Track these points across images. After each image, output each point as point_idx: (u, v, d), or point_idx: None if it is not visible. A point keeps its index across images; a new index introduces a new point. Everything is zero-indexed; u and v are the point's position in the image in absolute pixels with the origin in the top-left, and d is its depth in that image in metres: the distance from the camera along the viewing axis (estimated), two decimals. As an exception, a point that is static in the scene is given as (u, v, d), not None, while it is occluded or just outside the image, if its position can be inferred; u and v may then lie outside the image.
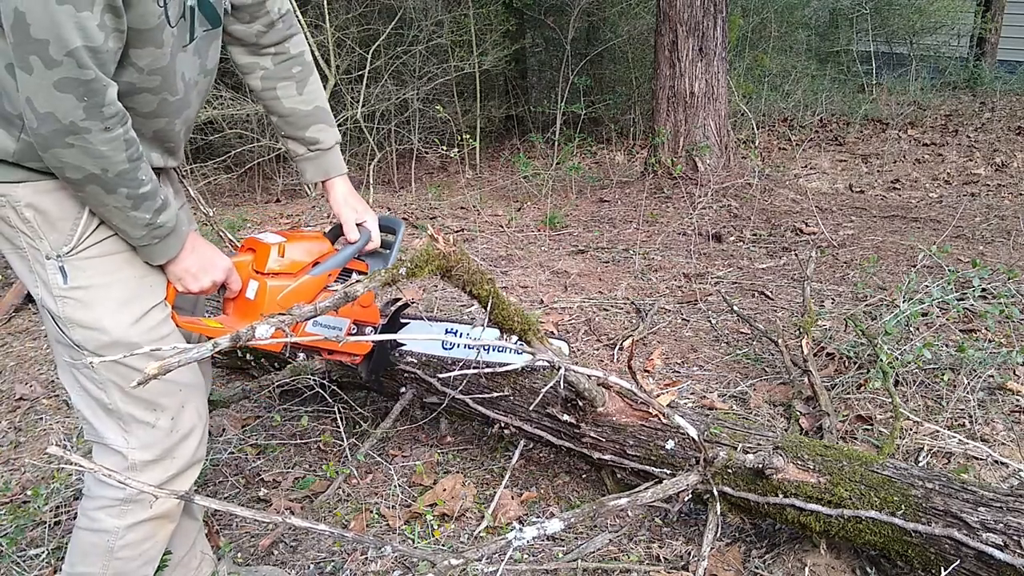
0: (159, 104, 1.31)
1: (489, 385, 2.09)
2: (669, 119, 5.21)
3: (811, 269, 3.01)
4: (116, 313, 1.32)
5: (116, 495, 1.39)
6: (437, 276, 1.54)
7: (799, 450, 1.68)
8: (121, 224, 1.26)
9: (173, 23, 1.25)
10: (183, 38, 1.30)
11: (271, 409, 2.52)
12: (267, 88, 1.57)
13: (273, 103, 1.59)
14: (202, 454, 1.49)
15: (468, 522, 1.97)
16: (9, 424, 2.55)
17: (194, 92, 1.40)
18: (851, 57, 8.27)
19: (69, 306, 1.31)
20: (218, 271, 1.41)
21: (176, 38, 1.27)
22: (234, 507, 1.27)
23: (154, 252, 1.32)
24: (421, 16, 6.34)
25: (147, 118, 1.31)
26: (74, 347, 1.34)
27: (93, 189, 1.21)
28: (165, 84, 1.30)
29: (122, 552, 1.42)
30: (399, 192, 5.94)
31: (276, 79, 1.56)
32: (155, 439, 1.39)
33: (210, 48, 1.41)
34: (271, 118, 1.63)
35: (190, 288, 1.39)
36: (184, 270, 1.37)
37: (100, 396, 1.36)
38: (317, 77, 1.64)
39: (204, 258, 1.40)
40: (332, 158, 1.64)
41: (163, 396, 1.38)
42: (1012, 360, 2.29)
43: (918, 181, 5.41)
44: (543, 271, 3.81)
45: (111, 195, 1.21)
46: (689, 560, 1.75)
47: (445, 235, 1.52)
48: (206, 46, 1.39)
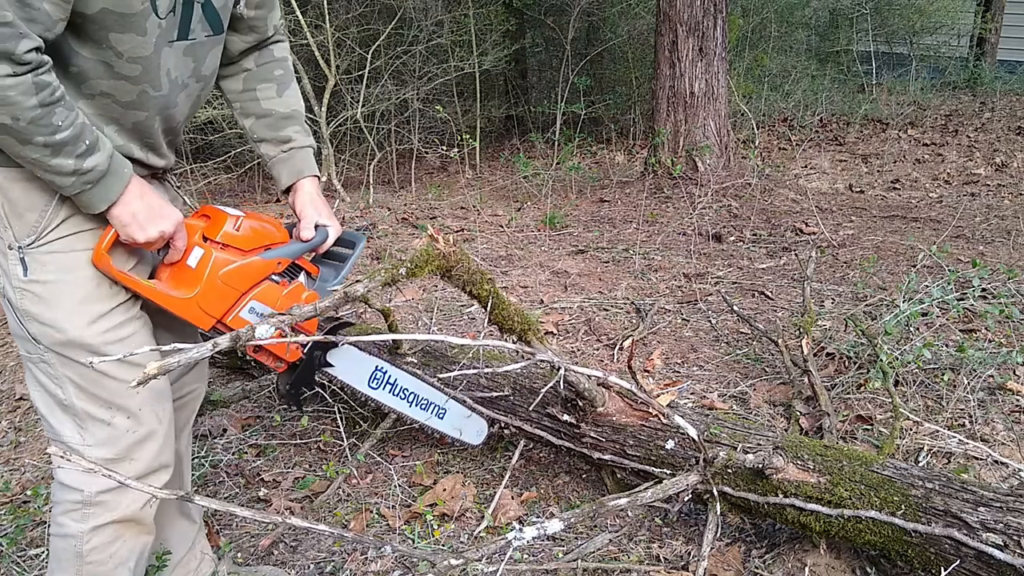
0: (139, 95, 1.29)
1: (489, 385, 2.09)
2: (669, 119, 5.21)
3: (811, 269, 3.01)
4: (73, 312, 1.29)
5: (75, 498, 1.37)
6: (437, 276, 1.54)
7: (799, 450, 1.68)
8: (46, 175, 1.20)
9: (161, 14, 1.23)
10: (170, 33, 1.28)
11: (271, 409, 2.52)
12: (247, 89, 1.56)
13: (251, 104, 1.57)
14: (166, 460, 1.45)
15: (468, 522, 1.97)
16: (9, 424, 2.55)
17: (181, 94, 1.38)
18: (851, 57, 8.27)
19: (27, 299, 1.28)
20: (167, 222, 1.33)
21: (163, 31, 1.25)
22: (234, 507, 1.27)
23: (90, 198, 1.24)
24: (421, 16, 6.34)
25: (126, 108, 1.29)
26: (31, 340, 1.31)
27: (7, 141, 1.15)
28: (146, 76, 1.28)
29: (91, 556, 1.40)
30: (399, 192, 5.94)
31: (257, 80, 1.56)
32: (111, 438, 1.36)
33: (208, 54, 1.39)
34: (245, 123, 1.60)
35: (135, 237, 1.30)
36: (131, 215, 1.28)
37: (56, 392, 1.34)
38: (297, 87, 1.63)
39: (153, 206, 1.32)
40: (305, 157, 1.61)
41: (120, 396, 1.35)
42: (1012, 360, 2.29)
43: (918, 181, 5.41)
44: (543, 271, 3.81)
45: (27, 145, 1.15)
46: (689, 560, 1.75)
47: (445, 235, 1.52)
48: (204, 52, 1.37)
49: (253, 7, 1.46)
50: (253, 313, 1.47)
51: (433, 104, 6.50)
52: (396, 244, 4.35)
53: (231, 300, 1.44)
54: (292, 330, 1.48)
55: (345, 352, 1.81)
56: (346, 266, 1.62)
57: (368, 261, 4.16)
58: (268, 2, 1.50)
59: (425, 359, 2.21)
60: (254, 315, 1.47)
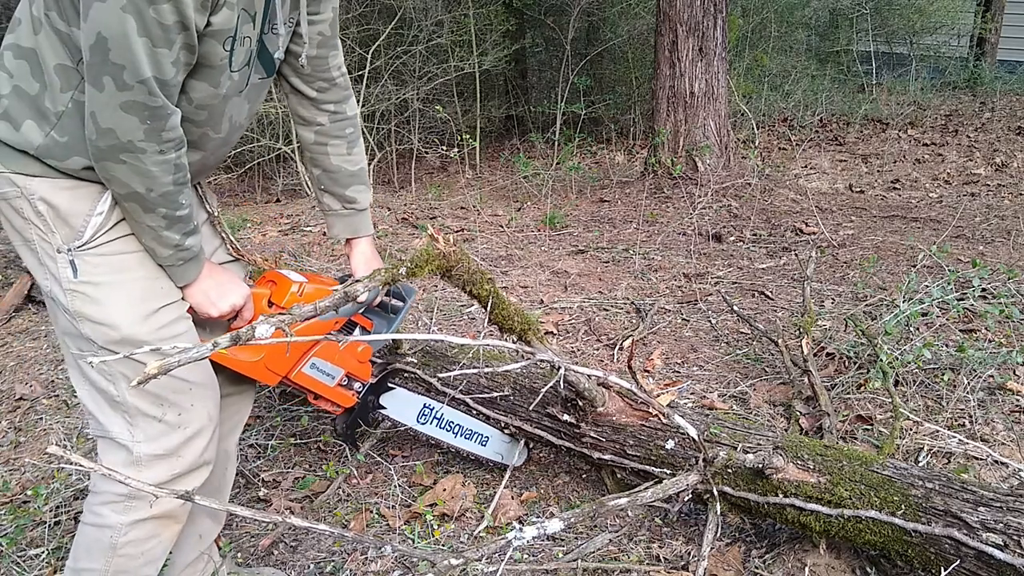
0: (200, 137, 1.36)
1: (489, 385, 2.09)
2: (669, 119, 5.21)
3: (811, 269, 3.01)
4: (126, 309, 1.33)
5: (120, 490, 1.39)
6: (437, 276, 1.54)
7: (799, 450, 1.68)
8: (151, 242, 1.31)
9: (235, 69, 1.30)
10: (241, 84, 1.35)
11: (271, 409, 2.52)
12: (319, 143, 1.63)
13: (322, 158, 1.64)
14: (210, 456, 1.48)
15: (468, 522, 1.97)
16: (9, 424, 2.55)
17: (237, 134, 1.46)
18: (851, 57, 8.27)
19: (79, 300, 1.32)
20: (237, 296, 1.44)
21: (235, 83, 1.33)
22: (234, 507, 1.27)
23: (176, 273, 1.36)
24: (421, 16, 6.34)
25: (187, 148, 1.34)
26: (85, 339, 1.34)
27: (133, 206, 1.26)
28: (211, 120, 1.35)
29: (125, 549, 1.42)
30: (399, 192, 5.94)
31: (329, 136, 1.62)
32: (161, 434, 1.39)
33: (259, 95, 1.47)
34: (313, 171, 1.68)
35: (209, 312, 1.41)
36: (203, 293, 1.40)
37: (108, 388, 1.37)
38: (363, 144, 1.71)
39: (222, 282, 1.43)
40: (364, 218, 1.71)
41: (171, 392, 1.38)
42: (1012, 360, 2.29)
43: (918, 181, 5.41)
44: (543, 271, 3.81)
45: (148, 214, 1.27)
46: (689, 560, 1.75)
47: (445, 235, 1.52)
48: (257, 93, 1.45)
49: (316, 46, 1.51)
50: (315, 368, 1.67)
51: (433, 104, 6.50)
52: (396, 244, 4.35)
53: (295, 360, 1.62)
54: (348, 377, 1.75)
55: (395, 394, 2.01)
56: (398, 318, 1.78)
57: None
58: (330, 42, 1.55)
59: (425, 359, 2.21)
60: (315, 370, 1.67)
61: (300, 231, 4.71)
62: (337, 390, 1.73)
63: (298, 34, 1.45)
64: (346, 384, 1.75)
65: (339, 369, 1.71)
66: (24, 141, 1.25)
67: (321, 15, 1.49)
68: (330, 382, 1.71)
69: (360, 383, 1.78)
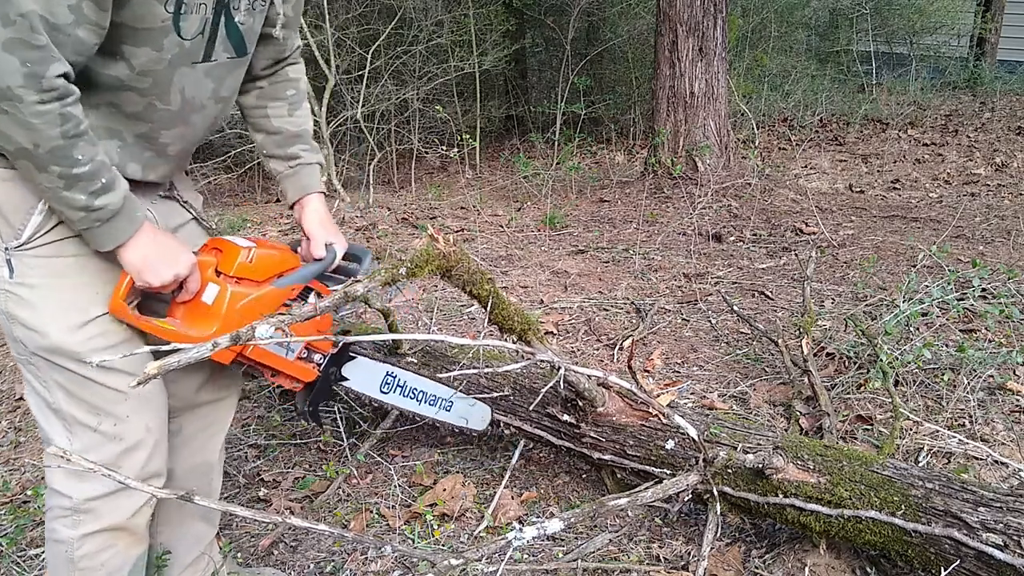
0: (145, 108, 1.29)
1: (489, 385, 2.09)
2: (669, 119, 5.21)
3: (811, 269, 3.01)
4: (57, 317, 1.27)
5: (65, 504, 1.36)
6: (437, 276, 1.54)
7: (799, 450, 1.68)
8: (57, 204, 1.20)
9: (186, 36, 1.24)
10: (195, 54, 1.28)
11: (271, 409, 2.52)
12: (259, 106, 1.58)
13: (262, 120, 1.59)
14: (155, 468, 1.42)
15: (468, 522, 1.97)
16: (9, 424, 2.55)
17: (198, 115, 1.37)
18: (851, 57, 8.27)
19: (12, 301, 1.28)
20: (181, 265, 1.31)
21: (185, 51, 1.26)
22: (234, 507, 1.27)
23: (98, 236, 1.23)
24: (421, 16, 6.34)
25: (130, 119, 1.29)
26: (18, 343, 1.31)
27: (24, 164, 1.16)
28: (156, 89, 1.27)
29: (82, 563, 1.39)
30: (399, 192, 5.94)
31: (269, 98, 1.58)
32: (97, 444, 1.34)
33: (229, 76, 1.39)
34: (256, 137, 1.63)
35: (149, 281, 1.28)
36: (142, 258, 1.27)
37: (45, 395, 1.34)
38: (308, 107, 1.65)
39: (165, 249, 1.30)
40: (311, 173, 1.62)
41: (105, 402, 1.33)
42: (1012, 360, 2.29)
43: (918, 181, 5.41)
44: (543, 271, 3.81)
45: (42, 173, 1.15)
46: (689, 560, 1.75)
47: (445, 235, 1.52)
48: (225, 73, 1.37)
49: (281, 27, 1.48)
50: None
51: (433, 104, 6.50)
52: (396, 244, 4.35)
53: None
54: (308, 349, 1.58)
55: (357, 364, 1.85)
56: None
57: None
58: (293, 22, 1.52)
59: (425, 359, 2.21)
60: (273, 344, 1.46)
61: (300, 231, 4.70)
62: (296, 364, 1.59)
63: (271, 16, 1.43)
64: (305, 357, 1.61)
65: (298, 340, 1.56)
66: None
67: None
68: (289, 356, 1.57)
69: (320, 355, 1.64)
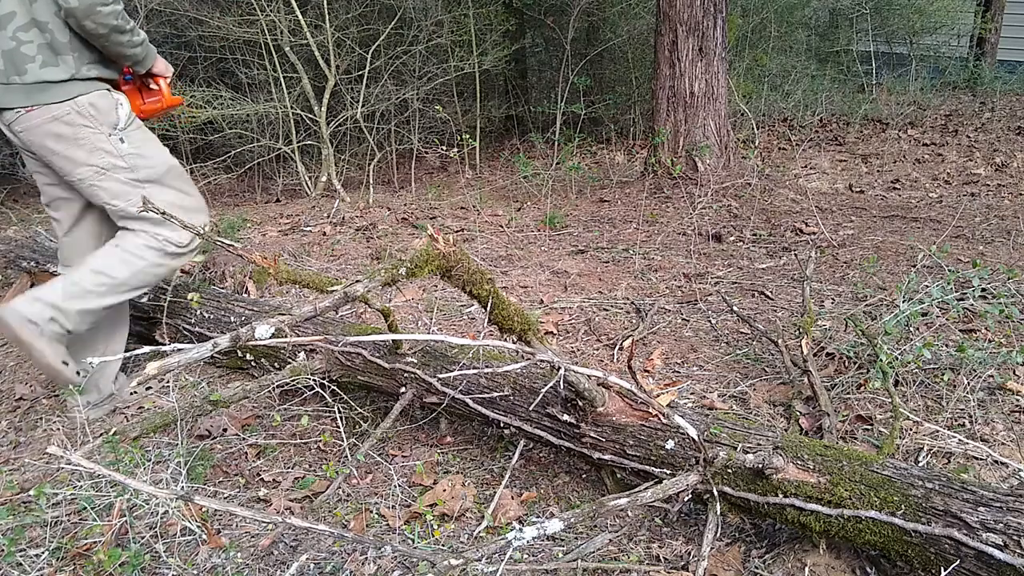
0: None
1: (489, 385, 2.09)
2: (669, 119, 5.21)
3: (811, 269, 3.01)
4: (157, 152, 2.36)
5: (159, 240, 2.36)
6: (437, 276, 1.54)
7: (799, 450, 1.68)
8: (132, 51, 2.19)
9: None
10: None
11: (271, 409, 2.52)
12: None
13: None
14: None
15: (468, 522, 1.97)
16: (9, 424, 2.55)
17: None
18: (851, 57, 8.27)
19: (134, 158, 2.27)
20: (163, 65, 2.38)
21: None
22: (234, 507, 1.27)
23: (149, 57, 2.28)
24: (421, 16, 6.34)
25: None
26: (140, 185, 2.28)
27: (115, 37, 2.12)
28: None
29: (146, 271, 2.36)
30: (399, 192, 5.94)
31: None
32: (196, 209, 2.46)
33: None
34: None
35: (169, 68, 2.39)
36: (164, 64, 2.37)
37: (159, 208, 2.02)
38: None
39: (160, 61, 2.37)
40: None
41: (188, 187, 2.46)
42: (1012, 360, 2.29)
43: (918, 181, 5.41)
44: (543, 271, 3.81)
45: (124, 34, 2.13)
46: (689, 560, 1.75)
47: (445, 235, 1.52)
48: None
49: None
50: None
51: (433, 104, 6.50)
52: (396, 244, 4.35)
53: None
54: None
55: None
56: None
57: (368, 261, 4.16)
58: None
59: (425, 359, 2.21)
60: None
61: (300, 231, 4.70)
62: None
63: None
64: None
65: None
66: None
67: None
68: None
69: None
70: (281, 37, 5.59)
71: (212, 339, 1.15)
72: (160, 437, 2.35)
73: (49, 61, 2.09)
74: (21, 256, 3.47)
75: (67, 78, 2.11)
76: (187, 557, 1.84)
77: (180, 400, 2.39)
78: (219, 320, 2.76)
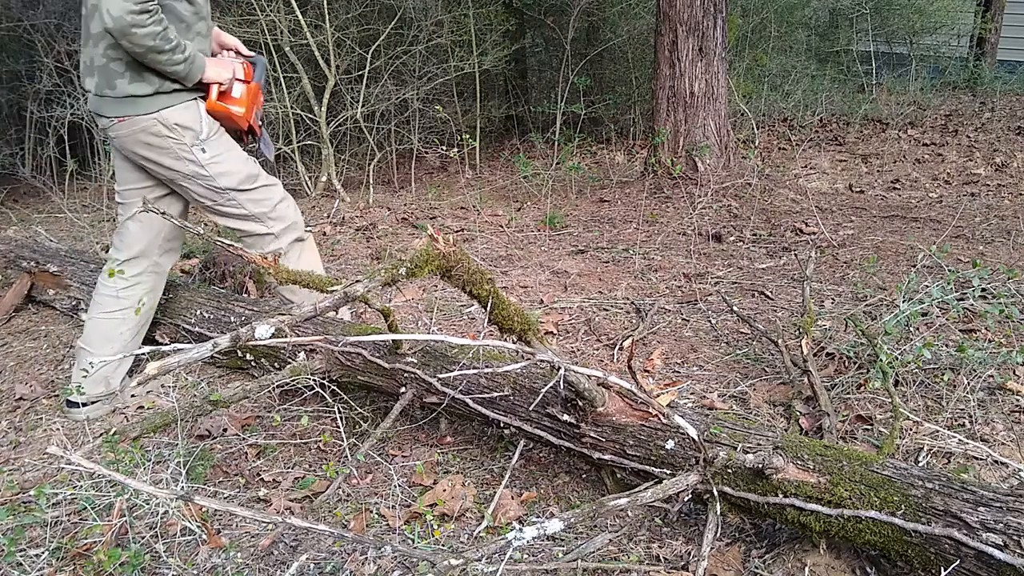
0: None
1: (489, 385, 2.09)
2: (669, 119, 5.21)
3: (811, 269, 3.01)
4: (235, 161, 2.46)
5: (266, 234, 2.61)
6: (437, 276, 1.54)
7: (799, 450, 1.68)
8: (173, 68, 2.22)
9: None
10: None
11: (271, 409, 2.52)
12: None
13: None
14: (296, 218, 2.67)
15: (468, 522, 1.97)
16: (9, 424, 2.55)
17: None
18: (851, 57, 8.27)
19: (213, 166, 2.41)
20: (228, 68, 2.40)
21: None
22: (234, 507, 1.27)
23: (194, 72, 2.28)
24: (421, 16, 6.34)
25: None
26: (221, 192, 2.46)
27: (153, 56, 2.16)
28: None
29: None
30: (399, 192, 5.94)
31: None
32: (280, 217, 2.59)
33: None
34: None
35: (223, 76, 2.37)
36: (214, 72, 2.35)
37: (238, 212, 2.52)
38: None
39: (220, 64, 2.38)
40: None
41: (269, 196, 2.56)
42: (1012, 360, 2.29)
43: (918, 181, 5.41)
44: (543, 271, 3.81)
45: (163, 54, 2.17)
46: (689, 560, 1.75)
47: (445, 235, 1.52)
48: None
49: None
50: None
51: (433, 104, 6.50)
52: (396, 244, 4.35)
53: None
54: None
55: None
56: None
57: (368, 261, 4.16)
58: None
59: (425, 359, 2.21)
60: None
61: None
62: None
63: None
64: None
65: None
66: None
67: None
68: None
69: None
70: (281, 37, 5.59)
71: (212, 339, 1.15)
72: (160, 437, 2.35)
73: (135, 78, 2.24)
74: (21, 256, 3.47)
75: (152, 92, 2.26)
76: (187, 557, 1.84)
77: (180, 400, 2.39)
78: (219, 320, 2.76)
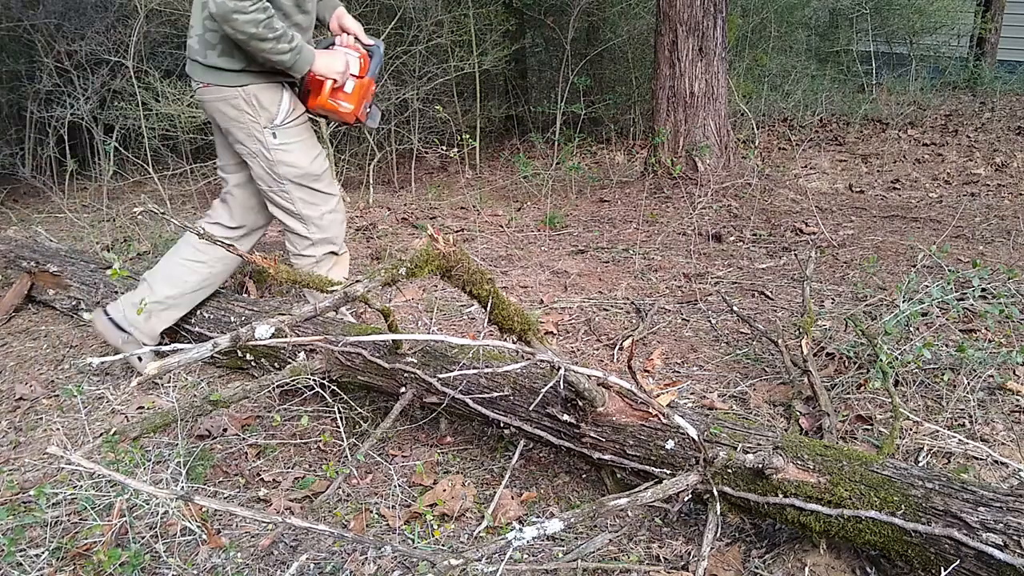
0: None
1: (489, 385, 2.09)
2: (669, 119, 5.21)
3: (811, 269, 3.01)
4: (303, 155, 2.55)
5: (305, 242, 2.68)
6: (437, 276, 1.54)
7: (799, 450, 1.68)
8: (278, 57, 2.31)
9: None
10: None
11: (271, 409, 2.52)
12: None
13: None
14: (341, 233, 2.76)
15: (468, 522, 1.97)
16: (9, 424, 2.55)
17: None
18: (851, 57, 8.27)
19: (278, 153, 2.50)
20: (340, 61, 2.51)
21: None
22: (234, 507, 1.28)
23: (300, 63, 2.37)
24: (421, 16, 6.33)
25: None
26: (277, 179, 2.54)
27: (256, 44, 2.25)
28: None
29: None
30: (399, 192, 5.94)
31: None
32: (325, 226, 2.66)
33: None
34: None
35: (336, 71, 2.49)
36: (326, 65, 2.46)
37: (290, 207, 2.60)
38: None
39: (331, 57, 2.50)
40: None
41: (322, 199, 2.63)
42: (1012, 360, 2.29)
43: (918, 181, 5.41)
44: (543, 271, 3.81)
45: (266, 42, 2.25)
46: (689, 560, 1.75)
47: (445, 235, 1.52)
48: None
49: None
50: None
51: (433, 104, 6.50)
52: (396, 244, 4.35)
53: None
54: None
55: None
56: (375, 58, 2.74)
57: (368, 261, 4.16)
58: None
59: (425, 359, 2.21)
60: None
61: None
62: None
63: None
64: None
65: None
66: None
67: None
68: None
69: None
70: (281, 37, 5.58)
71: (212, 339, 1.15)
72: (160, 437, 2.35)
73: (226, 52, 2.38)
74: (21, 256, 3.47)
75: (239, 68, 2.39)
76: (187, 557, 1.84)
77: (180, 400, 2.39)
78: (219, 320, 2.76)
